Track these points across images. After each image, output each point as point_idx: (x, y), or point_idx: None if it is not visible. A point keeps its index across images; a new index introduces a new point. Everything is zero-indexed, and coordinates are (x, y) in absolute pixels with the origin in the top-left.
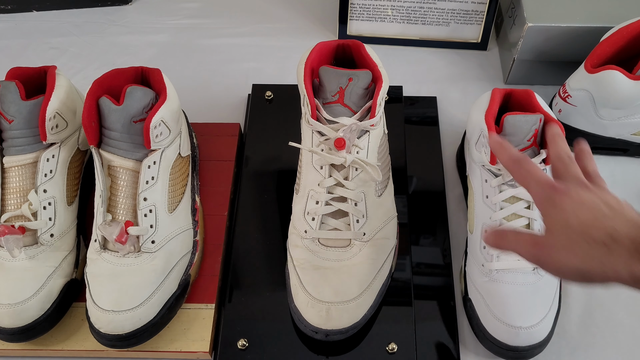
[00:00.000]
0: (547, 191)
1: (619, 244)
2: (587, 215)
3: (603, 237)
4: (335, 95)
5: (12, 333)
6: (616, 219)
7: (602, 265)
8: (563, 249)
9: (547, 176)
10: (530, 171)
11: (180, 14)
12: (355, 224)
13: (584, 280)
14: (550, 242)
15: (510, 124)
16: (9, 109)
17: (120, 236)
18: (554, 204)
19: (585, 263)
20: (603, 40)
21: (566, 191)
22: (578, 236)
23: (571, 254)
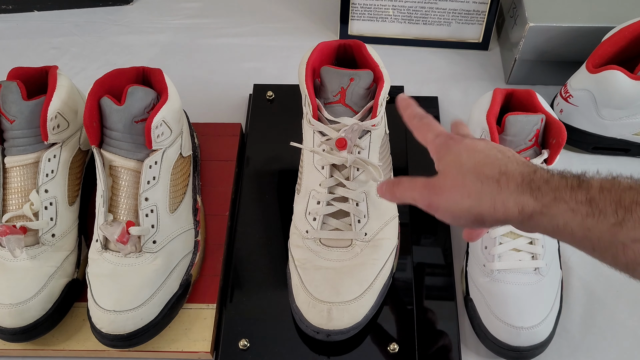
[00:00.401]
0: (443, 139)
1: (510, 178)
2: (480, 157)
3: (494, 173)
4: (336, 95)
5: (14, 333)
6: (508, 160)
7: (492, 202)
8: (454, 188)
9: (446, 131)
10: (430, 124)
11: (182, 14)
12: (356, 224)
13: (476, 221)
14: (442, 183)
15: (511, 124)
16: (11, 109)
17: (122, 236)
18: (449, 149)
19: (476, 200)
20: (604, 40)
21: (462, 139)
22: (470, 174)
23: (463, 192)
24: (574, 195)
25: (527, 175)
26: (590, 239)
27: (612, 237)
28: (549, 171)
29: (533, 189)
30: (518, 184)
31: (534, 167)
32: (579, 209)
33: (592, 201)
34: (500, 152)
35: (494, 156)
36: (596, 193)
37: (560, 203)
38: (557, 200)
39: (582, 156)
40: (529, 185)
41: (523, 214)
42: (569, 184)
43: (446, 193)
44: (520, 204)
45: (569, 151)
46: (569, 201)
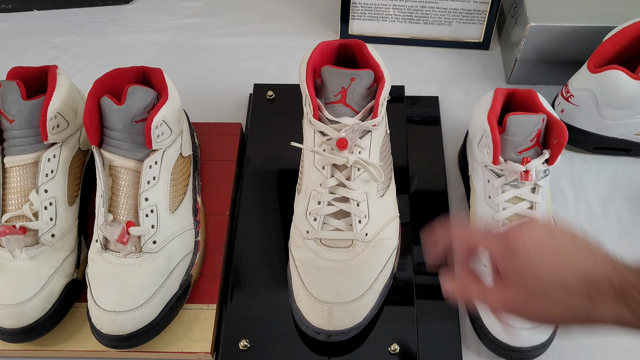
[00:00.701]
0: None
1: (600, 290)
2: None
3: (580, 285)
4: (337, 95)
5: (13, 334)
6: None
7: (586, 314)
8: (541, 300)
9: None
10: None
11: (182, 13)
12: (357, 224)
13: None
14: (523, 300)
15: (513, 124)
16: (10, 109)
17: (122, 236)
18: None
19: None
20: (606, 40)
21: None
22: (553, 285)
23: (549, 304)
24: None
25: (616, 284)
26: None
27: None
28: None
29: (627, 300)
30: (611, 297)
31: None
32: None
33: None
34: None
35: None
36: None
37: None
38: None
39: (583, 156)
40: (622, 296)
41: (619, 321)
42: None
43: (531, 308)
44: (615, 314)
45: (570, 151)
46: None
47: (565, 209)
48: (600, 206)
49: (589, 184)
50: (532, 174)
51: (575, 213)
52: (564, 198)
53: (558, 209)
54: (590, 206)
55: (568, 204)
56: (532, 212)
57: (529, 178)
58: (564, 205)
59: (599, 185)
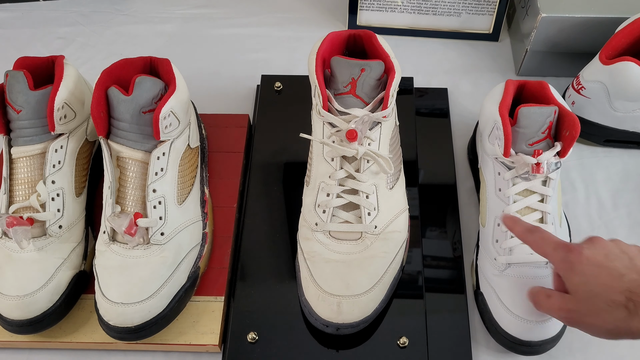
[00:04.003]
0: (563, 253)
1: (637, 304)
2: (604, 277)
3: (622, 299)
4: (347, 86)
5: (21, 325)
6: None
7: (627, 326)
8: (590, 315)
9: (561, 240)
10: (545, 238)
11: (188, 4)
12: (366, 216)
13: (616, 337)
14: (577, 308)
15: (524, 116)
16: (17, 99)
17: (130, 228)
18: (572, 267)
19: (613, 325)
20: (618, 32)
21: (580, 252)
22: (600, 301)
23: (598, 318)
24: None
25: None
26: None
27: None
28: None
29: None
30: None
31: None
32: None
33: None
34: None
35: (616, 272)
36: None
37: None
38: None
39: (594, 149)
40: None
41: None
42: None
43: (585, 319)
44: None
45: (581, 144)
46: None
47: (575, 202)
48: (611, 199)
49: (599, 177)
50: (543, 166)
51: (586, 206)
52: (575, 191)
53: (568, 202)
54: (600, 199)
55: (578, 197)
56: (544, 205)
57: (540, 171)
58: (575, 198)
59: (610, 178)
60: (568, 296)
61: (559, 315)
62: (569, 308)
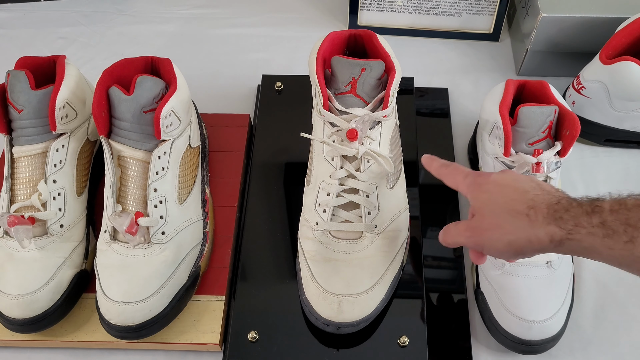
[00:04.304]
0: (472, 178)
1: (537, 211)
2: (509, 192)
3: (524, 208)
4: (347, 86)
5: (22, 324)
6: (534, 191)
7: (527, 235)
8: (492, 227)
9: (473, 170)
10: (457, 168)
11: (189, 4)
12: (367, 216)
13: (517, 254)
14: (480, 224)
15: (525, 115)
16: (19, 99)
17: (131, 227)
18: (479, 187)
19: (514, 235)
20: (618, 31)
21: (488, 175)
22: (503, 212)
23: (501, 230)
24: (590, 220)
25: (551, 206)
26: (614, 256)
27: (629, 253)
28: (570, 199)
29: (557, 218)
30: (545, 216)
31: (556, 197)
32: (596, 232)
33: (604, 223)
34: (526, 183)
35: (521, 189)
36: (607, 215)
37: (580, 228)
38: (577, 226)
39: (594, 148)
40: (553, 216)
41: (554, 242)
42: (584, 210)
43: (487, 233)
44: (549, 233)
45: (581, 143)
46: (587, 226)
47: None
48: None
49: (599, 177)
50: (543, 165)
51: None
52: (575, 191)
53: None
54: None
55: (579, 196)
56: None
57: (540, 170)
58: None
59: (610, 177)
60: (474, 217)
61: (465, 237)
62: (473, 226)
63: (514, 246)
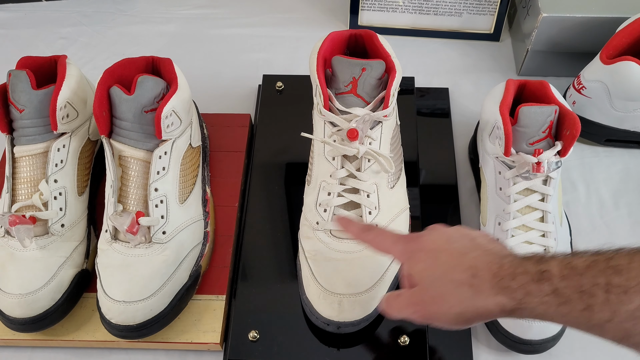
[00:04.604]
0: (402, 244)
1: (482, 280)
2: (446, 258)
3: (466, 277)
4: (348, 86)
5: (23, 323)
6: (473, 253)
7: (474, 306)
8: (436, 300)
9: (399, 233)
10: (382, 233)
11: (190, 4)
12: (367, 215)
13: (470, 322)
14: (423, 297)
15: (525, 115)
16: (20, 99)
17: (132, 227)
18: (413, 256)
19: (460, 307)
20: (619, 31)
21: (418, 240)
22: (444, 284)
23: (446, 303)
24: (540, 288)
25: (496, 274)
26: (571, 322)
27: (587, 320)
28: (513, 260)
29: (504, 288)
30: (491, 286)
31: (498, 258)
32: (549, 300)
33: (557, 292)
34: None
35: (457, 252)
36: (558, 282)
37: (531, 297)
38: (528, 295)
39: (594, 148)
40: (499, 284)
41: (505, 311)
42: (532, 277)
43: (432, 307)
44: (499, 304)
45: (582, 143)
46: (539, 295)
47: (576, 201)
48: (612, 199)
49: (600, 177)
50: (544, 165)
51: (587, 205)
52: (575, 191)
53: (569, 201)
54: (601, 199)
55: (579, 196)
56: (544, 204)
57: (540, 170)
58: (575, 198)
59: (611, 177)
60: (415, 289)
61: (410, 312)
62: (415, 300)
63: (463, 318)
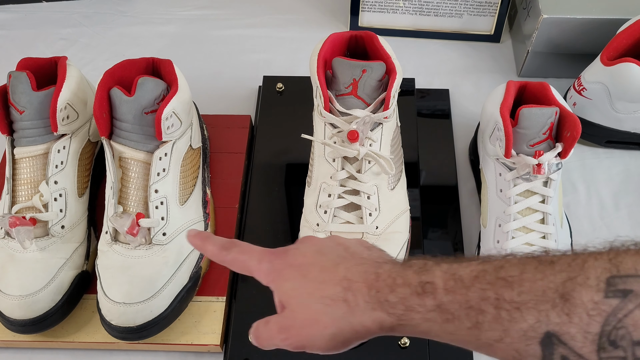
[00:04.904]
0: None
1: (356, 294)
2: (314, 273)
3: (339, 292)
4: (348, 87)
5: (23, 325)
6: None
7: (350, 325)
8: (308, 323)
9: (264, 249)
10: (245, 251)
11: (190, 5)
12: (367, 217)
13: (346, 345)
14: (293, 322)
15: (525, 116)
16: (20, 100)
17: (132, 228)
18: (280, 274)
19: (334, 327)
20: (620, 33)
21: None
22: (315, 302)
23: (318, 325)
24: (422, 303)
25: (372, 286)
26: (459, 341)
27: (475, 338)
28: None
29: (382, 302)
30: (366, 300)
31: (373, 268)
32: (432, 317)
33: (441, 307)
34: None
35: (328, 264)
36: (443, 296)
37: (412, 313)
38: (409, 311)
39: (595, 150)
40: (377, 298)
41: (384, 328)
42: (414, 289)
43: (303, 332)
44: (376, 320)
45: (582, 145)
46: (421, 310)
47: (576, 203)
48: (612, 200)
49: (600, 178)
50: (544, 167)
51: (587, 207)
52: (576, 192)
53: (570, 203)
54: (602, 200)
55: (580, 198)
56: (545, 206)
57: (541, 171)
58: (576, 200)
59: (611, 179)
60: (284, 312)
61: (280, 340)
62: (284, 325)
63: (339, 339)
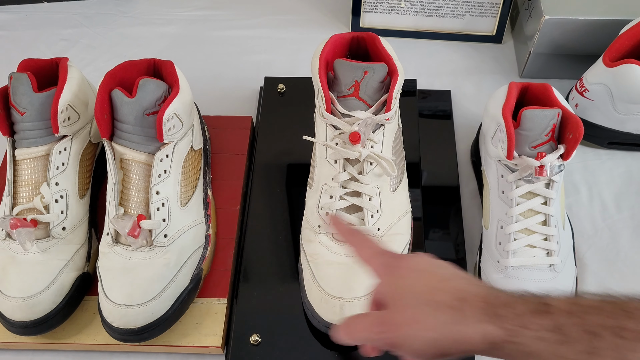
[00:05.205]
0: (387, 259)
1: (470, 304)
2: (429, 280)
3: (449, 299)
4: (350, 89)
5: (24, 326)
6: (464, 280)
7: (453, 333)
8: (411, 322)
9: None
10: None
11: (191, 5)
12: (369, 219)
13: (441, 355)
14: (394, 318)
15: (528, 118)
16: (21, 101)
17: (133, 230)
18: (395, 271)
19: (436, 332)
20: (622, 34)
21: (401, 259)
22: (423, 303)
23: (420, 325)
24: (539, 322)
25: (489, 301)
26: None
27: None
28: (511, 294)
29: (495, 315)
30: (479, 311)
31: (495, 291)
32: (547, 336)
33: (559, 328)
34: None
35: (440, 275)
36: (562, 318)
37: (526, 330)
38: (523, 328)
39: (597, 151)
40: (490, 310)
41: (488, 343)
42: (530, 307)
43: (403, 329)
44: (483, 333)
45: (584, 146)
46: (536, 328)
47: (578, 204)
48: (614, 202)
49: (602, 180)
50: (546, 169)
51: (589, 209)
52: (578, 194)
53: (571, 204)
54: (604, 202)
55: (581, 199)
56: (547, 207)
57: (543, 173)
58: (578, 201)
59: (613, 180)
60: (386, 310)
61: (375, 333)
62: (384, 320)
63: (437, 345)
